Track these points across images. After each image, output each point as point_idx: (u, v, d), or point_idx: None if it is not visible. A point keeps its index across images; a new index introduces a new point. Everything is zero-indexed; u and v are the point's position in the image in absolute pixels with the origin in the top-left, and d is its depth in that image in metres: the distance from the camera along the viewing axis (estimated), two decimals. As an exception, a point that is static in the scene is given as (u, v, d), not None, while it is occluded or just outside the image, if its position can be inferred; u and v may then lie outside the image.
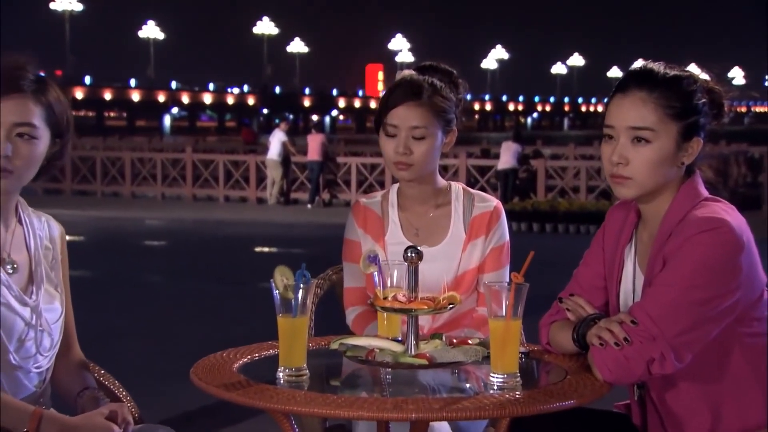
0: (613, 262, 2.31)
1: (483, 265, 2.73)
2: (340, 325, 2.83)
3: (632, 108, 2.19)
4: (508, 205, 14.36)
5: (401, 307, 2.21)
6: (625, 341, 2.07)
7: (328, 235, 12.01)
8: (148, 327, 7.20)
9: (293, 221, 15.50)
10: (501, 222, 2.75)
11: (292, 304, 2.10)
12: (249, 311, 7.68)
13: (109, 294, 8.56)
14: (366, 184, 18.67)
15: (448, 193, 2.79)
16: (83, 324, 2.54)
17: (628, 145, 2.19)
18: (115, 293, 8.65)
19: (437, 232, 2.76)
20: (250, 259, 11.28)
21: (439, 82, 2.71)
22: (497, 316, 2.07)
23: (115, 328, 7.07)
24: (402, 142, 2.66)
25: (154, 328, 7.15)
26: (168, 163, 20.60)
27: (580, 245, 2.63)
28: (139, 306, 8.11)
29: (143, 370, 5.76)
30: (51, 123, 2.20)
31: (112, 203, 19.08)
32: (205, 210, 17.58)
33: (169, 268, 10.40)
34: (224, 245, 12.40)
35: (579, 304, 2.29)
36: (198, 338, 6.73)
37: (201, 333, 6.93)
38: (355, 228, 2.82)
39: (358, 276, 2.77)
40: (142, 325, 7.26)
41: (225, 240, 12.99)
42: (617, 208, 2.38)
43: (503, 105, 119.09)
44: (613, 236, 2.34)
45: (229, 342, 2.58)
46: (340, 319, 2.85)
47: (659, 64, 2.23)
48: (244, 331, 6.78)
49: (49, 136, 2.20)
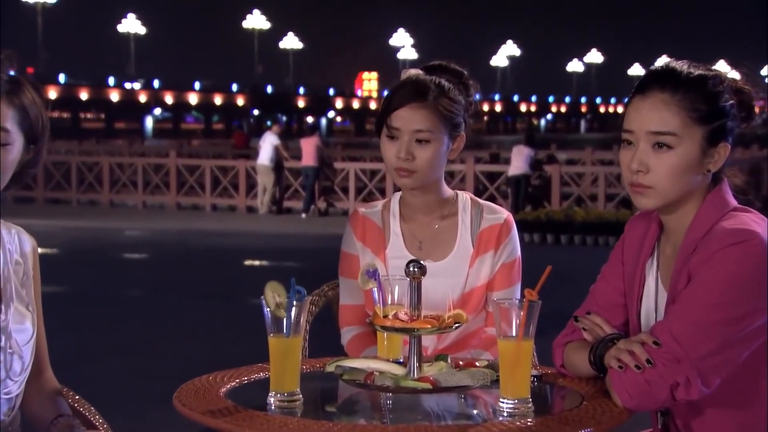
0: (634, 278, 2.31)
1: (492, 283, 2.74)
2: (337, 345, 2.84)
3: (653, 111, 2.18)
4: (519, 215, 14.38)
5: (403, 326, 2.21)
6: (647, 364, 2.07)
7: (324, 247, 12.01)
8: (127, 347, 7.20)
9: (286, 232, 15.50)
10: (512, 236, 2.76)
11: (284, 323, 2.10)
12: (237, 330, 7.67)
13: (85, 312, 8.56)
14: (365, 192, 18.68)
15: (454, 204, 2.80)
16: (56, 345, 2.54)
17: (648, 151, 2.19)
18: (91, 311, 8.65)
19: (442, 245, 2.76)
20: (239, 273, 11.27)
21: (447, 83, 2.72)
22: (507, 336, 2.07)
23: (92, 349, 7.07)
24: (404, 147, 2.67)
25: (134, 349, 7.14)
26: (150, 168, 20.62)
27: (598, 258, 2.64)
28: (118, 324, 8.11)
29: (122, 394, 5.76)
30: (25, 127, 2.19)
31: (88, 212, 19.09)
32: (191, 220, 17.58)
33: (150, 283, 10.40)
34: (211, 258, 12.40)
35: (596, 323, 2.29)
36: (182, 360, 6.72)
37: (185, 354, 6.92)
38: (353, 240, 2.82)
39: (355, 292, 2.78)
40: (120, 346, 7.26)
41: (212, 252, 12.99)
42: (638, 219, 2.38)
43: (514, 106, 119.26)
44: (634, 249, 2.34)
45: (215, 364, 2.58)
46: (337, 339, 2.86)
47: (682, 63, 2.22)
48: (233, 353, 6.78)
49: (22, 141, 2.19)
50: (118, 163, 21.28)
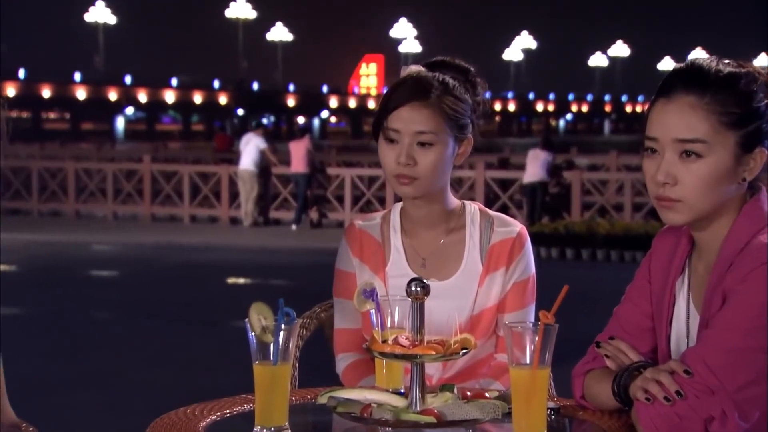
0: (662, 299, 2.32)
1: (503, 304, 2.75)
2: (330, 374, 2.84)
3: (679, 116, 2.18)
4: (535, 227, 14.40)
5: (404, 352, 2.22)
6: (677, 395, 2.07)
7: (317, 263, 12.01)
8: (95, 377, 7.19)
9: (274, 246, 15.50)
10: (525, 251, 2.77)
11: (271, 349, 2.11)
12: (219, 357, 7.67)
13: (48, 337, 8.56)
14: (363, 202, 18.70)
15: (461, 215, 2.81)
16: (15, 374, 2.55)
17: (675, 160, 2.19)
18: (55, 336, 8.64)
19: (449, 262, 2.77)
20: (221, 292, 11.27)
21: (452, 80, 2.73)
22: (521, 363, 2.08)
23: (55, 379, 7.06)
24: (404, 151, 2.68)
25: (103, 379, 7.14)
26: (121, 175, 20.63)
27: (623, 276, 2.65)
28: (85, 351, 8.11)
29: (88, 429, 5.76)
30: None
31: (51, 224, 19.10)
32: (167, 233, 17.58)
33: (121, 305, 10.40)
34: (190, 276, 12.40)
35: (620, 350, 2.29)
36: (156, 391, 6.72)
37: (160, 384, 6.92)
38: (349, 256, 2.83)
39: (351, 315, 2.78)
40: (87, 375, 7.25)
41: (191, 269, 12.99)
42: (667, 233, 2.38)
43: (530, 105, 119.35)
44: (662, 267, 2.34)
45: (194, 395, 2.59)
46: (330, 367, 2.87)
47: (711, 60, 2.22)
48: (213, 382, 6.78)
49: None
50: (85, 168, 21.29)
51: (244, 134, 19.13)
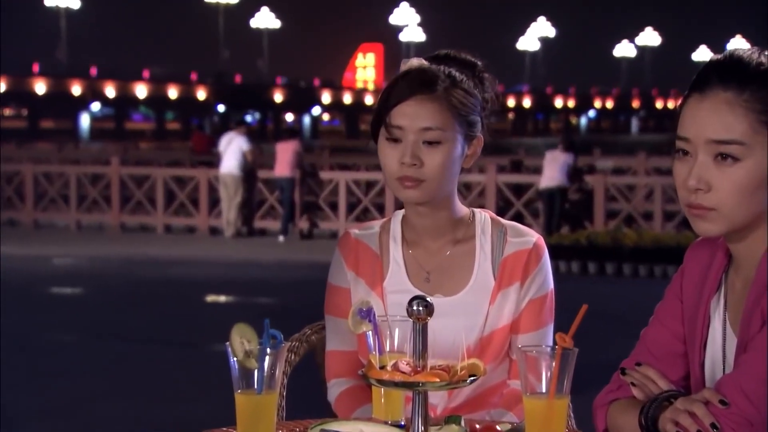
0: (696, 320, 2.32)
1: (517, 324, 2.76)
2: (321, 403, 2.85)
3: (713, 114, 2.18)
4: (554, 238, 14.39)
5: (404, 380, 2.22)
6: (712, 429, 2.08)
7: (307, 279, 12.02)
8: (57, 409, 7.19)
9: (259, 259, 15.49)
10: (543, 264, 2.78)
11: (255, 376, 2.12)
12: (196, 385, 7.66)
13: (3, 363, 8.54)
14: (359, 210, 18.70)
15: (470, 225, 2.82)
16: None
17: (709, 164, 2.19)
18: (11, 362, 8.63)
19: (456, 276, 2.78)
20: (199, 312, 11.26)
21: (459, 74, 2.75)
22: (536, 392, 2.09)
23: (11, 411, 7.05)
24: (409, 150, 2.69)
25: (67, 411, 7.13)
26: (86, 179, 20.62)
27: (653, 294, 2.66)
28: (46, 379, 8.09)
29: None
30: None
31: (6, 236, 19.07)
32: (138, 244, 17.58)
33: (86, 326, 10.39)
34: (164, 293, 12.39)
35: (648, 377, 2.30)
36: (126, 422, 6.71)
37: (130, 415, 6.91)
38: (343, 269, 2.84)
39: (345, 335, 2.79)
40: (49, 407, 7.24)
41: (165, 286, 12.98)
42: (700, 246, 2.39)
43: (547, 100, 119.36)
44: (696, 284, 2.35)
45: (169, 428, 2.59)
46: (321, 396, 2.87)
47: (752, 51, 2.22)
48: (190, 413, 6.77)
49: None
50: (44, 172, 21.28)
51: (225, 133, 19.10)
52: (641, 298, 5.11)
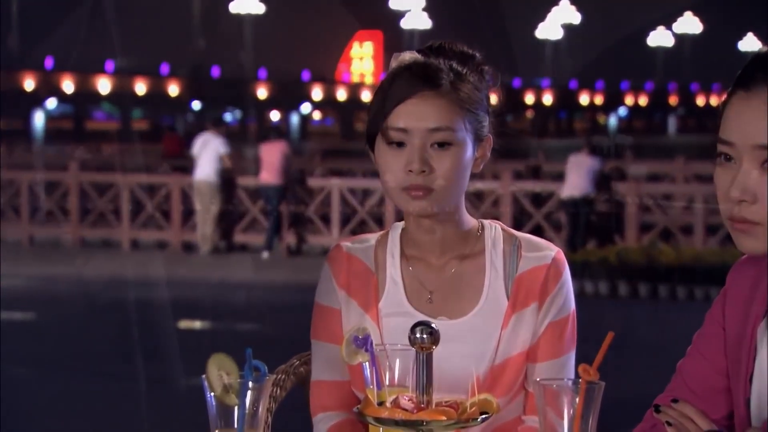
0: (740, 349, 2.32)
1: (535, 351, 2.75)
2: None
3: (761, 116, 2.18)
4: (578, 254, 14.42)
5: (407, 418, 2.22)
6: (758, 472, 2.09)
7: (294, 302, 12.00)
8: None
9: (239, 279, 15.50)
10: (563, 282, 2.78)
11: (235, 414, 2.12)
12: (169, 423, 7.66)
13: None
14: (354, 222, 18.72)
15: (480, 238, 2.82)
16: None
17: (755, 172, 2.19)
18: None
19: (463, 296, 2.78)
20: (170, 340, 11.25)
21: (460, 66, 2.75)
22: (557, 431, 2.09)
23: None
24: (417, 155, 2.67)
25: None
26: (40, 187, 20.63)
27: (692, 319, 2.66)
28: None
29: None
30: None
31: (-50, 252, 19.09)
32: (101, 262, 17.58)
33: (40, 357, 10.39)
34: (130, 319, 12.38)
35: (686, 416, 2.29)
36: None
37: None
38: (333, 286, 2.83)
39: (334, 363, 2.76)
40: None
41: (131, 310, 12.97)
42: (745, 265, 2.39)
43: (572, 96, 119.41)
44: (741, 309, 2.35)
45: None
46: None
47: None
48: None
49: None
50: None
51: (200, 134, 19.08)
52: (678, 324, 5.12)
